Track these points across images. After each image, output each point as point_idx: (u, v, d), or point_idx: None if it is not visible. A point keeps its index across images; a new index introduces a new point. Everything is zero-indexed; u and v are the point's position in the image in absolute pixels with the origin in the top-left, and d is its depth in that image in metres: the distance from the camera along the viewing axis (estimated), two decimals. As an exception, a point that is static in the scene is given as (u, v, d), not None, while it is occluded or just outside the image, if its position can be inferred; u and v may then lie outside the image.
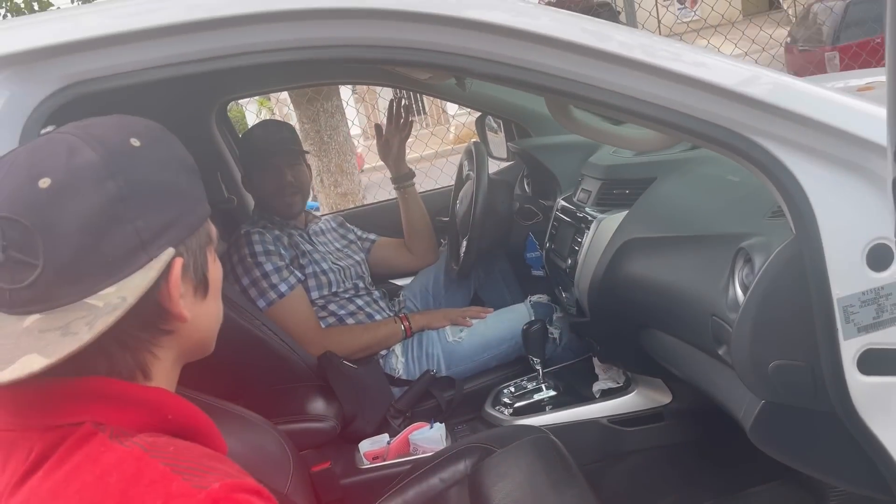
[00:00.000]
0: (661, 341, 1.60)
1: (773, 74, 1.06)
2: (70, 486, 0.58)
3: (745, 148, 1.05)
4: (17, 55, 0.97)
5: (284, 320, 1.95)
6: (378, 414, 1.95)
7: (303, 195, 2.19)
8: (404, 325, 2.13)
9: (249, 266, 1.98)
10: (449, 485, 1.45)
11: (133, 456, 0.60)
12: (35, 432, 0.63)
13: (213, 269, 0.74)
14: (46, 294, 0.60)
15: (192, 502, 0.56)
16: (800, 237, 1.05)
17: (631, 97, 1.05)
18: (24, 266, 0.60)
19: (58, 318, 0.60)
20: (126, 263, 0.62)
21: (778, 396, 1.13)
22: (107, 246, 0.61)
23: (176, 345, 0.70)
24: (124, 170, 0.63)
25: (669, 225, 1.56)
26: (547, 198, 2.31)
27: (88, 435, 0.61)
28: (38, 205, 0.60)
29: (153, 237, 0.64)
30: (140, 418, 0.65)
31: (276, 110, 9.52)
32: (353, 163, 4.69)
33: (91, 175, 0.61)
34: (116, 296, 0.61)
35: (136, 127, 0.68)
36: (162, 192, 0.66)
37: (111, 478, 0.58)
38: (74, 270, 0.60)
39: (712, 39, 5.95)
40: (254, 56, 1.03)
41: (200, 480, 0.58)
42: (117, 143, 0.64)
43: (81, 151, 0.62)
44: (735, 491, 1.67)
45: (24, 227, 0.60)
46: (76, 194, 0.61)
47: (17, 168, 0.62)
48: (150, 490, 0.57)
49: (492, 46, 1.03)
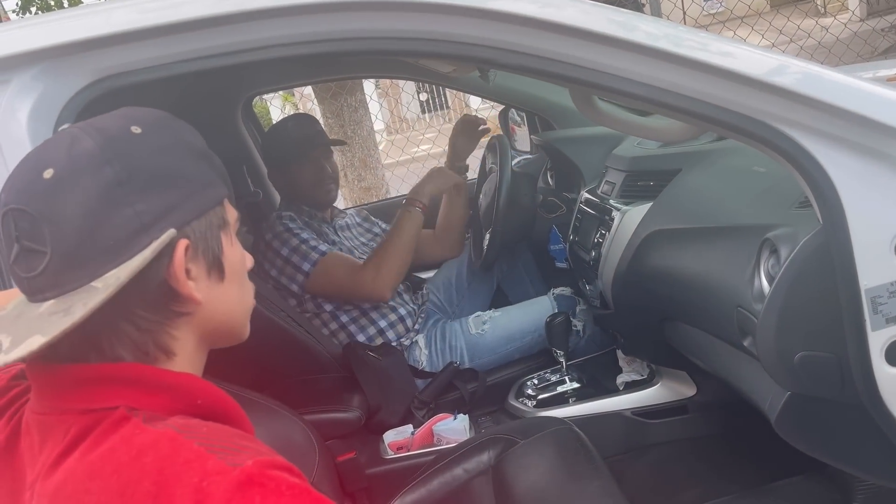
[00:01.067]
0: (686, 333, 1.59)
1: (802, 63, 1.05)
2: (106, 467, 0.60)
3: (772, 138, 1.05)
4: (51, 49, 0.99)
5: (332, 275, 2.01)
6: (402, 405, 1.96)
7: (337, 184, 2.25)
8: (418, 206, 2.11)
9: (286, 237, 2.03)
10: (472, 475, 1.46)
11: (167, 437, 0.61)
12: (71, 416, 0.65)
13: (229, 253, 0.74)
14: (56, 280, 0.63)
15: (227, 479, 0.57)
16: (827, 227, 1.04)
17: (657, 87, 1.05)
18: (35, 254, 0.62)
19: (65, 301, 0.62)
20: (128, 247, 0.64)
21: (804, 388, 1.13)
22: (108, 230, 0.63)
23: (195, 328, 0.71)
24: (121, 155, 0.65)
25: (694, 216, 1.55)
26: (571, 190, 2.31)
27: (122, 419, 0.63)
28: (42, 194, 0.62)
29: (155, 220, 0.65)
30: (171, 403, 0.66)
31: (300, 105, 9.57)
32: (376, 157, 4.70)
33: (89, 162, 0.63)
34: (114, 276, 0.63)
35: (139, 116, 0.69)
36: (163, 176, 0.67)
37: (147, 458, 0.59)
38: (79, 255, 0.63)
39: (739, 31, 5.88)
40: (279, 49, 1.04)
41: (234, 458, 0.59)
42: (116, 131, 0.66)
43: (81, 141, 0.64)
44: (760, 484, 1.66)
45: (31, 217, 0.62)
46: (76, 182, 0.63)
47: (27, 162, 0.65)
48: (186, 468, 0.58)
49: (517, 37, 1.03)
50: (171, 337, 0.69)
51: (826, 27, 6.83)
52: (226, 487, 0.56)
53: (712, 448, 1.84)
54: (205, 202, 0.70)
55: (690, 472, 1.80)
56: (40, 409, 0.68)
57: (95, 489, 0.59)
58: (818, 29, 6.73)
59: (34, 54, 1.00)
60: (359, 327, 2.09)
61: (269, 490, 0.57)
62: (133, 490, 0.58)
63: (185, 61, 1.03)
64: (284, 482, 0.58)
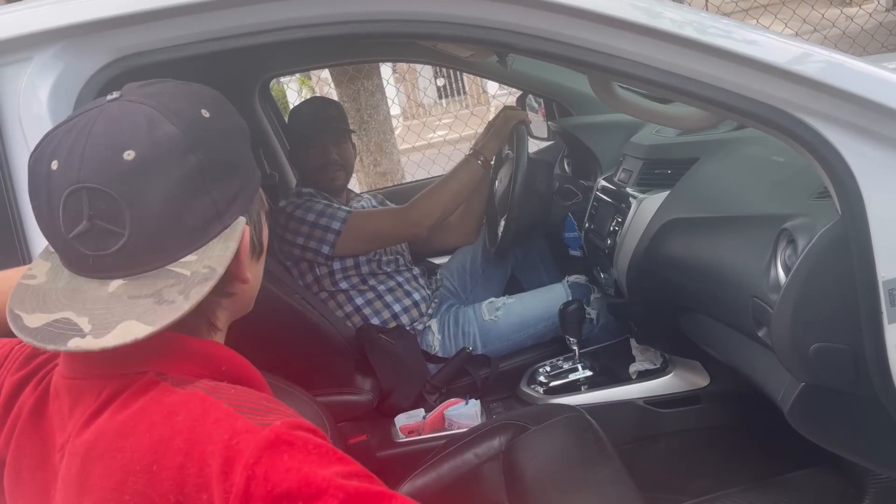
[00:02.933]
0: (700, 323, 1.59)
1: (826, 52, 1.04)
2: (138, 426, 0.62)
3: (793, 127, 1.04)
4: (72, 28, 1.00)
5: (366, 223, 2.05)
6: (414, 389, 1.97)
7: (346, 172, 2.22)
8: (480, 160, 2.11)
9: (310, 205, 2.04)
10: (483, 460, 1.47)
11: (198, 397, 0.63)
12: (101, 380, 0.67)
13: (265, 232, 0.77)
14: (130, 261, 0.64)
15: (256, 438, 0.59)
16: (845, 218, 1.03)
17: (680, 75, 1.04)
18: (110, 234, 0.63)
19: (144, 284, 0.63)
20: (204, 233, 0.66)
21: (818, 379, 1.12)
22: (188, 216, 0.64)
23: (234, 304, 0.75)
24: (202, 143, 0.65)
25: (712, 205, 1.54)
26: (587, 178, 2.30)
27: (152, 382, 0.65)
28: (125, 177, 0.62)
29: (227, 206, 0.67)
30: (198, 369, 0.68)
31: (317, 89, 9.56)
32: (392, 142, 4.69)
33: (173, 148, 0.64)
34: (202, 265, 0.64)
35: (203, 97, 0.70)
36: (232, 163, 0.69)
37: (178, 416, 0.61)
38: (158, 239, 0.64)
39: (761, 19, 5.80)
40: (298, 30, 1.04)
41: (263, 419, 0.61)
42: (192, 116, 0.67)
43: (161, 125, 0.64)
44: (771, 476, 1.65)
45: (111, 198, 0.62)
46: (161, 167, 0.63)
47: (97, 138, 0.63)
48: (216, 427, 0.60)
49: (538, 22, 1.02)
50: (216, 315, 0.72)
51: (851, 17, 6.73)
52: (255, 445, 0.58)
53: (724, 438, 1.84)
54: (255, 185, 0.73)
55: (702, 462, 1.80)
56: (70, 374, 0.69)
57: (127, 447, 0.61)
58: (843, 18, 6.64)
59: (55, 32, 1.00)
60: (373, 310, 2.10)
61: (297, 448, 0.59)
62: (165, 447, 0.60)
63: (205, 41, 1.03)
64: (311, 441, 0.60)
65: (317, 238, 2.02)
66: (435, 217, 2.05)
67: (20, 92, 1.00)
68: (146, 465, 0.60)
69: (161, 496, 0.59)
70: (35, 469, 0.70)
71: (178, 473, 0.59)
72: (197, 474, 0.58)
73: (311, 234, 2.02)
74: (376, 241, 2.10)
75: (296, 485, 0.57)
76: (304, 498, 0.57)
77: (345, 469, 0.59)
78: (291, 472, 0.57)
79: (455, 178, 2.10)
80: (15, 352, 0.78)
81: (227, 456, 0.58)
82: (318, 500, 0.56)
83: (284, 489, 0.57)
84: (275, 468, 0.57)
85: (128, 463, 0.60)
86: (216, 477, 0.58)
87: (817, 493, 1.58)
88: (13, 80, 1.01)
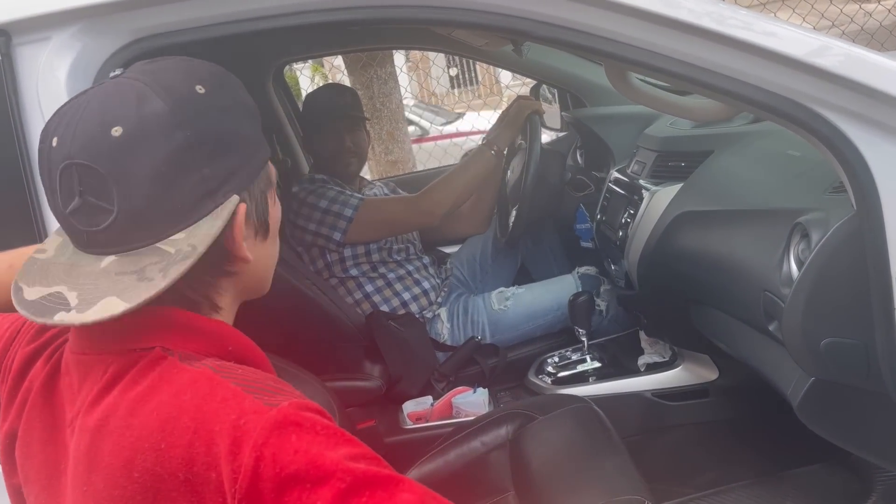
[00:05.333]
0: (710, 316, 1.58)
1: (845, 46, 1.03)
2: (147, 404, 0.62)
3: (810, 120, 1.03)
4: (90, 8, 1.00)
5: (378, 211, 2.06)
6: (423, 376, 1.98)
7: (360, 159, 2.23)
8: (494, 150, 2.11)
9: (323, 191, 2.04)
10: (490, 448, 1.47)
11: (205, 376, 0.63)
12: (109, 355, 0.67)
13: (273, 212, 0.76)
14: (120, 237, 0.64)
15: (264, 418, 0.59)
16: (861, 213, 1.03)
17: (697, 66, 1.03)
18: (100, 210, 0.63)
19: (132, 261, 0.63)
20: (194, 210, 0.65)
21: (829, 374, 1.12)
22: (176, 193, 0.64)
23: (238, 283, 0.73)
24: (191, 119, 0.64)
25: (725, 199, 1.53)
26: (600, 169, 2.29)
27: (159, 358, 0.65)
28: (111, 153, 0.62)
29: (219, 185, 0.66)
30: (204, 347, 0.68)
31: (329, 76, 9.55)
32: (404, 130, 4.69)
33: (160, 124, 0.63)
34: (186, 243, 0.64)
35: (201, 72, 0.69)
36: (226, 140, 0.67)
37: (186, 395, 0.61)
38: (146, 216, 0.63)
39: (779, 13, 5.75)
40: (315, 15, 1.04)
41: (270, 399, 0.61)
42: (184, 91, 0.65)
43: (150, 100, 0.64)
44: (778, 471, 1.65)
45: (99, 175, 0.62)
46: (147, 144, 0.62)
47: (90, 114, 0.64)
48: (223, 406, 0.60)
49: (555, 10, 1.02)
50: (218, 294, 0.71)
51: (870, 12, 6.66)
52: (263, 426, 0.58)
53: (732, 432, 1.84)
54: (257, 164, 0.71)
55: (708, 455, 1.80)
56: (79, 350, 0.70)
57: (136, 424, 0.62)
58: (861, 14, 6.56)
59: (74, 12, 1.01)
60: (383, 298, 2.11)
61: (305, 430, 0.59)
62: (173, 426, 0.60)
63: (222, 24, 1.03)
64: (319, 423, 0.60)
65: (329, 224, 2.03)
66: (447, 206, 2.05)
67: (39, 71, 1.01)
68: (155, 443, 0.60)
69: (170, 473, 0.59)
70: (46, 442, 0.71)
71: (186, 451, 0.59)
72: (205, 453, 0.59)
73: (323, 220, 2.03)
74: (388, 229, 2.11)
75: (304, 467, 0.57)
76: (312, 480, 0.57)
77: (353, 451, 0.59)
78: (299, 454, 0.57)
79: (467, 168, 2.10)
80: (27, 324, 0.79)
81: (234, 436, 0.58)
82: (326, 483, 0.56)
83: (293, 471, 0.57)
84: (283, 450, 0.57)
85: (136, 440, 0.61)
86: (224, 457, 0.58)
87: (824, 489, 1.58)
88: (32, 60, 1.01)
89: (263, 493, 0.57)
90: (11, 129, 1.00)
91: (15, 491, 0.76)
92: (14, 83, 1.01)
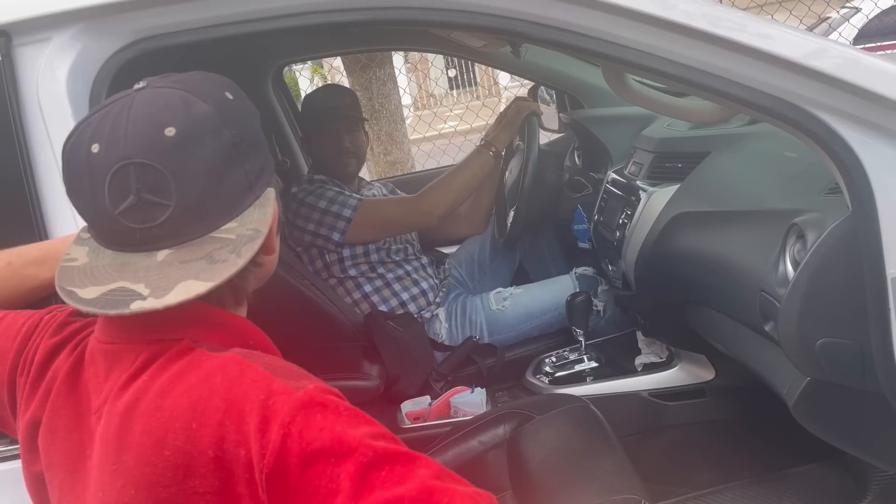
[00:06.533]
0: (707, 317, 1.59)
1: (841, 48, 1.04)
2: (177, 387, 0.66)
3: (805, 122, 1.03)
4: (91, 9, 1.01)
5: (377, 212, 2.07)
6: (421, 376, 1.98)
7: (358, 160, 2.23)
8: (492, 151, 2.11)
9: (322, 191, 2.05)
10: (487, 448, 1.48)
11: (234, 361, 0.67)
12: (138, 345, 0.71)
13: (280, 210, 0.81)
14: (176, 231, 0.68)
15: (291, 399, 0.63)
16: (856, 214, 1.03)
17: (693, 67, 1.04)
18: (157, 206, 0.67)
19: (192, 251, 0.68)
20: (240, 202, 0.71)
21: (824, 374, 1.13)
22: (226, 186, 0.70)
23: (260, 276, 0.79)
24: (232, 119, 0.71)
25: (722, 200, 1.54)
26: (597, 170, 2.30)
27: (188, 348, 0.70)
28: (168, 151, 0.67)
29: (256, 179, 0.73)
30: (229, 339, 0.72)
31: (329, 77, 9.55)
32: (403, 131, 4.70)
33: (210, 123, 0.69)
34: (245, 228, 0.69)
35: (224, 82, 0.75)
36: (254, 140, 0.74)
37: (216, 378, 0.66)
38: (201, 209, 0.68)
39: (776, 15, 5.76)
40: (314, 16, 1.05)
41: (297, 382, 0.65)
42: (219, 97, 0.72)
43: (196, 104, 0.69)
44: (774, 470, 1.66)
45: (157, 172, 0.67)
46: (201, 141, 0.68)
47: (138, 118, 0.68)
48: (253, 387, 0.64)
49: (552, 12, 1.02)
50: (244, 286, 0.77)
51: (867, 15, 6.66)
52: (291, 406, 0.62)
53: (728, 432, 1.85)
54: (273, 164, 0.78)
55: (705, 454, 1.80)
56: (107, 339, 0.73)
57: (167, 405, 0.65)
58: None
59: (74, 13, 1.01)
60: (381, 298, 2.11)
61: (330, 410, 0.63)
62: (204, 406, 0.64)
63: (222, 25, 1.04)
64: (342, 405, 0.65)
65: (328, 225, 2.03)
66: (445, 206, 2.06)
67: (39, 72, 1.02)
68: (186, 423, 0.64)
69: (200, 452, 0.63)
70: (70, 430, 0.74)
71: (216, 430, 0.63)
72: (235, 431, 0.63)
73: (322, 220, 2.03)
74: (386, 230, 2.11)
75: (328, 443, 0.61)
76: (335, 455, 0.61)
77: (373, 430, 0.64)
78: (324, 431, 0.61)
79: (466, 169, 2.11)
80: (45, 321, 0.83)
81: (263, 415, 0.62)
82: (349, 458, 0.61)
83: (318, 447, 0.61)
84: (309, 427, 0.61)
85: (167, 420, 0.65)
86: (253, 434, 0.62)
87: (820, 489, 1.59)
88: (32, 61, 1.02)
89: (290, 468, 0.61)
90: (12, 130, 1.01)
91: (34, 479, 0.79)
92: (14, 84, 1.01)
